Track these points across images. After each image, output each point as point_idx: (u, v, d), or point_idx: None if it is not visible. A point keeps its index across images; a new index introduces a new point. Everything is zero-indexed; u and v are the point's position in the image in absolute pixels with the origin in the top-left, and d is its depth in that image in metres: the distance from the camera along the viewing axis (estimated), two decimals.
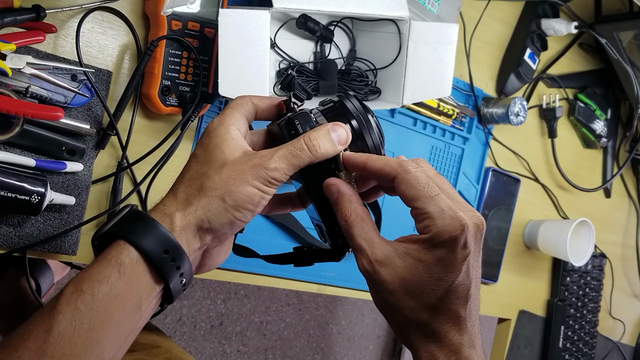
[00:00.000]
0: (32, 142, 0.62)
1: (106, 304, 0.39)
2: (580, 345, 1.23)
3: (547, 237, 1.11)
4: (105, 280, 0.40)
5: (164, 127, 0.73)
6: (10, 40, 0.59)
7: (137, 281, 0.41)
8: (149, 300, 0.42)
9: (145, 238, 0.41)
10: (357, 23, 0.85)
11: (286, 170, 0.44)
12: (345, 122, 0.48)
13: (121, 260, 0.40)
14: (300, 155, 0.45)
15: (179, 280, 0.43)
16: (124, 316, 0.40)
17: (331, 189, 0.46)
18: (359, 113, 0.49)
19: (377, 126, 0.50)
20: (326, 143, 0.45)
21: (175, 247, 0.42)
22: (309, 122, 0.47)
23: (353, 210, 0.45)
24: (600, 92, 1.22)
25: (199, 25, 0.70)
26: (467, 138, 1.02)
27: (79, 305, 0.39)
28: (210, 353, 1.74)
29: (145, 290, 0.41)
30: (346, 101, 0.49)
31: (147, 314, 0.43)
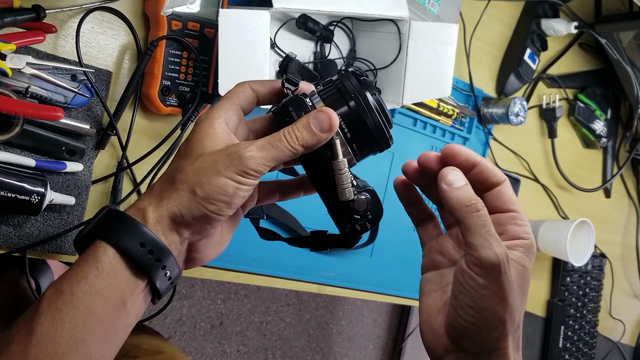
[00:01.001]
0: (32, 142, 0.62)
1: (87, 301, 0.39)
2: (580, 345, 1.23)
3: (547, 237, 1.11)
4: (84, 279, 0.39)
5: (164, 127, 0.73)
6: (10, 40, 0.59)
7: (116, 277, 0.40)
8: (134, 296, 0.41)
9: (119, 234, 0.41)
10: (357, 23, 0.85)
11: (263, 160, 0.42)
12: (343, 103, 0.45)
13: (98, 258, 0.40)
14: (279, 147, 0.42)
15: (162, 272, 0.42)
16: (107, 313, 0.40)
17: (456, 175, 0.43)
18: (357, 92, 0.45)
19: (377, 105, 0.46)
20: (306, 134, 0.43)
21: (151, 240, 0.41)
22: (304, 108, 0.44)
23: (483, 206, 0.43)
24: (600, 92, 1.22)
25: (198, 26, 0.70)
26: (467, 138, 1.02)
27: (59, 305, 0.39)
28: (210, 353, 1.74)
29: (127, 285, 0.41)
30: (344, 80, 0.46)
31: (135, 311, 0.42)
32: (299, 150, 0.43)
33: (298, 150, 0.43)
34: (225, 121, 0.45)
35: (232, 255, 0.79)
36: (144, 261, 0.41)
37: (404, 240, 0.96)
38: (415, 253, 0.98)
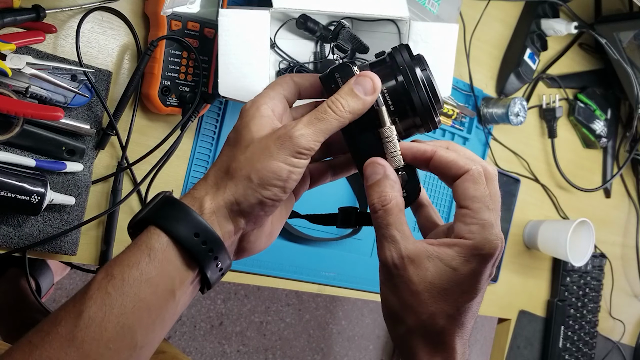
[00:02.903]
0: (32, 142, 0.62)
1: (137, 288, 0.39)
2: (580, 345, 1.23)
3: (547, 237, 1.11)
4: (135, 265, 0.39)
5: (163, 127, 0.73)
6: (10, 40, 0.59)
7: (168, 266, 0.40)
8: (184, 285, 0.41)
9: (174, 222, 0.40)
10: (357, 23, 0.85)
11: (314, 136, 0.41)
12: (390, 75, 0.44)
13: (151, 245, 0.40)
14: (326, 119, 0.42)
15: (214, 264, 0.42)
16: (156, 301, 0.39)
17: (376, 169, 0.44)
18: (406, 66, 0.44)
19: (426, 82, 0.44)
20: (351, 100, 0.42)
21: (205, 230, 0.41)
22: (350, 74, 0.43)
23: (394, 197, 0.43)
24: (600, 92, 1.22)
25: (198, 26, 0.70)
26: (467, 138, 1.02)
27: (109, 290, 0.38)
28: (210, 353, 1.74)
29: (178, 274, 0.41)
30: (395, 53, 0.44)
31: (184, 300, 0.42)
32: (346, 118, 0.43)
33: (345, 118, 0.43)
34: (271, 108, 0.44)
35: None
36: (197, 251, 0.41)
37: None
38: None
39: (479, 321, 2.32)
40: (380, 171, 0.44)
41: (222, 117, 0.78)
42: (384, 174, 0.44)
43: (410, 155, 0.45)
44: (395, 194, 0.44)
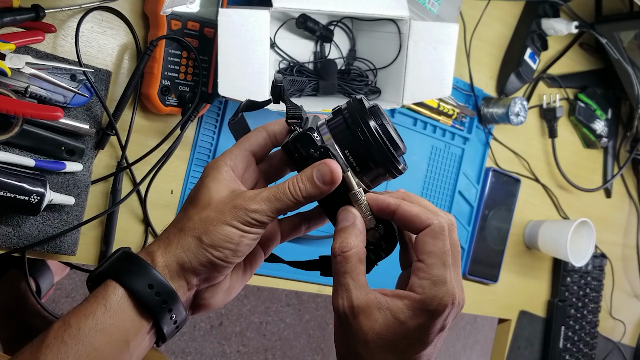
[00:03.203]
0: (31, 142, 0.62)
1: (92, 337, 0.40)
2: (581, 345, 1.23)
3: (547, 237, 1.10)
4: (91, 315, 0.41)
5: (163, 127, 0.73)
6: (9, 40, 0.58)
7: (122, 316, 0.41)
8: (138, 336, 0.42)
9: (129, 275, 0.42)
10: (357, 23, 0.85)
11: (268, 212, 0.44)
12: (349, 136, 0.45)
13: (107, 297, 0.42)
14: (284, 200, 0.44)
15: (168, 315, 0.43)
16: (110, 350, 0.41)
17: (347, 216, 0.45)
18: (361, 123, 0.45)
19: (383, 135, 0.45)
20: (310, 187, 0.44)
21: (160, 282, 0.42)
22: (311, 144, 0.45)
23: (356, 245, 0.44)
24: (601, 92, 1.22)
25: (198, 25, 0.70)
26: (467, 138, 1.02)
27: (65, 339, 0.40)
28: (210, 353, 1.74)
29: (132, 325, 0.42)
30: (350, 109, 0.46)
31: (138, 352, 0.43)
32: (302, 202, 0.44)
33: (302, 201, 0.44)
34: (231, 167, 0.46)
35: None
36: (150, 302, 0.42)
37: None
38: None
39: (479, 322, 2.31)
40: (350, 219, 0.45)
41: (221, 117, 0.78)
42: (352, 223, 0.45)
43: (376, 208, 0.46)
44: (358, 243, 0.44)
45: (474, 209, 1.04)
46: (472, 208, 1.04)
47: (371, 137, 0.45)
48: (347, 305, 0.43)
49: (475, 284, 1.07)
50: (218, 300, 0.48)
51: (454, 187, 1.01)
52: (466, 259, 1.04)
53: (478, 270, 1.06)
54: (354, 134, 0.45)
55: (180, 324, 0.45)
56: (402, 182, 0.95)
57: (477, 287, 1.08)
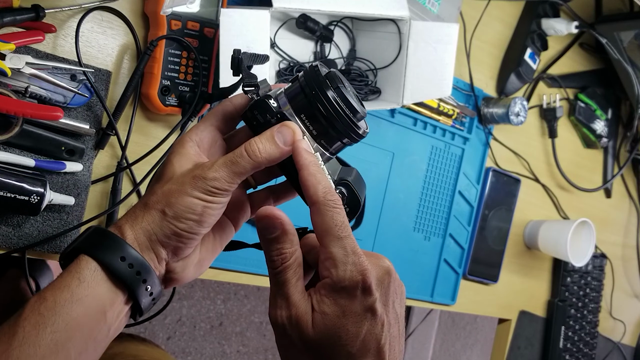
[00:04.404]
0: (31, 142, 0.62)
1: (68, 308, 0.41)
2: (581, 345, 1.23)
3: (547, 237, 1.10)
4: (66, 288, 0.41)
5: (163, 127, 0.73)
6: (9, 40, 0.58)
7: (97, 288, 0.42)
8: (115, 307, 0.43)
9: (101, 248, 0.43)
10: (357, 23, 0.85)
11: (227, 178, 0.43)
12: (304, 100, 0.45)
13: (80, 270, 0.42)
14: (240, 162, 0.43)
15: (143, 287, 0.43)
16: (87, 320, 0.41)
17: (273, 223, 0.42)
18: (317, 88, 0.44)
19: (338, 99, 0.44)
20: (269, 146, 0.43)
21: (131, 254, 0.43)
22: (268, 110, 0.44)
23: (294, 252, 0.42)
24: (601, 92, 1.22)
25: (198, 25, 0.70)
26: (468, 138, 1.02)
27: (42, 311, 0.40)
28: (210, 353, 1.74)
29: (108, 296, 0.42)
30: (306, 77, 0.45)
31: (116, 324, 0.43)
32: (262, 162, 0.43)
33: (261, 162, 0.43)
34: (196, 143, 0.46)
35: (232, 255, 0.79)
36: (124, 274, 0.42)
37: (404, 240, 0.96)
38: (415, 253, 0.98)
39: (479, 322, 2.31)
40: (277, 226, 0.42)
41: None
42: (282, 230, 0.42)
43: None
44: (295, 248, 0.42)
45: (474, 209, 1.04)
46: (472, 208, 1.04)
47: (326, 101, 0.44)
48: (285, 316, 0.41)
49: (475, 284, 1.07)
50: (189, 273, 0.48)
51: (454, 187, 1.01)
52: (466, 259, 1.04)
53: (478, 270, 1.06)
54: (309, 98, 0.44)
55: (157, 296, 0.45)
56: (402, 181, 0.95)
57: (477, 287, 1.08)
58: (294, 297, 0.41)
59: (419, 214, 0.98)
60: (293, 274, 0.41)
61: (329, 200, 0.41)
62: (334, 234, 0.40)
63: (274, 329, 0.42)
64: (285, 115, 0.45)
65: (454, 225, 1.02)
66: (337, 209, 0.41)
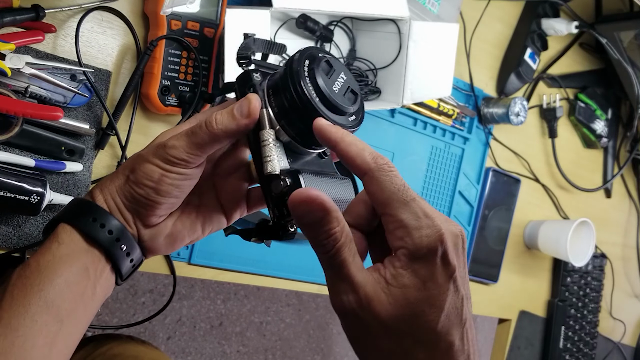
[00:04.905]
0: (31, 142, 0.62)
1: (51, 268, 0.42)
2: (581, 345, 1.23)
3: (547, 237, 1.10)
4: (47, 251, 0.43)
5: (163, 127, 0.73)
6: (9, 40, 0.58)
7: (75, 247, 0.43)
8: (95, 265, 0.44)
9: (76, 213, 0.45)
10: (357, 23, 0.85)
11: (186, 148, 0.43)
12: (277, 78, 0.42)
13: (58, 234, 0.44)
14: (199, 133, 0.42)
15: (117, 245, 0.44)
16: (72, 277, 0.42)
17: (313, 206, 0.36)
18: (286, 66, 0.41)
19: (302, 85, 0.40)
20: (226, 118, 0.42)
21: (102, 214, 0.44)
22: (247, 82, 0.43)
23: (343, 228, 0.36)
24: (601, 92, 1.22)
25: (198, 25, 0.70)
26: (468, 138, 1.02)
27: (27, 274, 0.42)
28: (210, 353, 1.74)
29: (87, 256, 0.44)
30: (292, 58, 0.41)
31: (101, 283, 0.45)
32: (219, 134, 0.42)
33: (218, 134, 0.42)
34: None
35: (232, 255, 0.79)
36: (95, 232, 0.44)
37: None
38: None
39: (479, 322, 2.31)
40: (318, 207, 0.36)
41: None
42: (324, 210, 0.36)
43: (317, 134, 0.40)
44: (343, 224, 0.36)
45: (474, 209, 1.04)
46: (472, 208, 1.04)
47: (289, 79, 0.41)
48: (354, 300, 0.36)
49: (475, 284, 1.07)
50: (159, 244, 0.48)
51: (454, 187, 1.01)
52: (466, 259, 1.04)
53: (478, 270, 1.06)
54: (279, 75, 0.42)
55: (135, 258, 0.46)
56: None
57: (477, 287, 1.08)
58: (358, 277, 0.36)
59: None
60: (349, 252, 0.36)
61: (381, 164, 0.37)
62: (399, 198, 0.36)
63: (342, 319, 0.37)
64: (254, 86, 0.43)
65: None
66: (393, 172, 0.37)
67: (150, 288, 1.62)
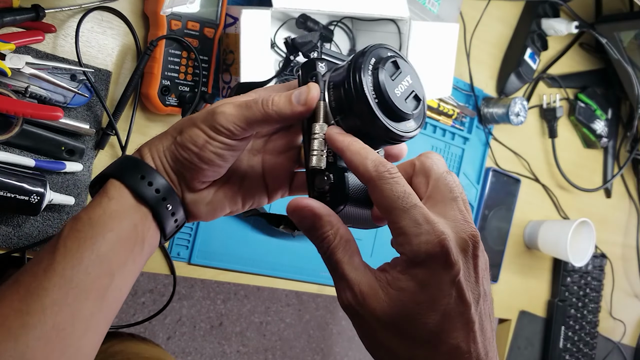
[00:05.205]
0: (31, 142, 0.62)
1: (103, 221, 0.42)
2: (581, 345, 1.23)
3: (547, 237, 1.10)
4: (97, 205, 0.43)
5: (163, 127, 0.73)
6: (9, 40, 0.58)
7: (125, 203, 0.44)
8: (143, 222, 0.44)
9: (123, 170, 0.45)
10: (357, 23, 0.85)
11: (234, 119, 0.42)
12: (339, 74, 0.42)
13: (107, 190, 0.44)
14: (252, 108, 0.42)
15: (163, 205, 0.45)
16: (123, 232, 0.43)
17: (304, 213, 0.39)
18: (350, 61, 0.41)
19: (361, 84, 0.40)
20: (282, 101, 0.42)
21: (149, 172, 0.44)
22: (311, 70, 0.43)
23: (336, 231, 0.39)
24: (601, 92, 1.22)
25: (198, 25, 0.70)
26: (468, 138, 1.02)
27: (79, 227, 0.42)
28: (210, 353, 1.74)
29: (135, 211, 0.44)
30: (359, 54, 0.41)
31: (148, 240, 0.45)
32: (271, 115, 0.42)
33: (271, 115, 0.42)
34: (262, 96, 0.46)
35: (232, 255, 0.79)
36: (142, 190, 0.44)
37: None
38: None
39: None
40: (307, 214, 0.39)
41: None
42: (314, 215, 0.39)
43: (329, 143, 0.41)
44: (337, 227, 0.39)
45: (474, 209, 1.04)
46: (472, 208, 1.04)
47: (350, 77, 0.40)
48: (351, 297, 0.37)
49: None
50: (201, 210, 0.48)
51: None
52: None
53: None
54: (342, 70, 0.42)
55: (179, 220, 0.46)
56: None
57: None
58: (352, 275, 0.38)
59: None
60: (343, 253, 0.38)
61: (382, 172, 0.37)
62: (399, 206, 0.36)
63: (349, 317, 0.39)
64: (317, 75, 0.42)
65: None
66: (394, 179, 0.37)
67: (150, 288, 1.62)
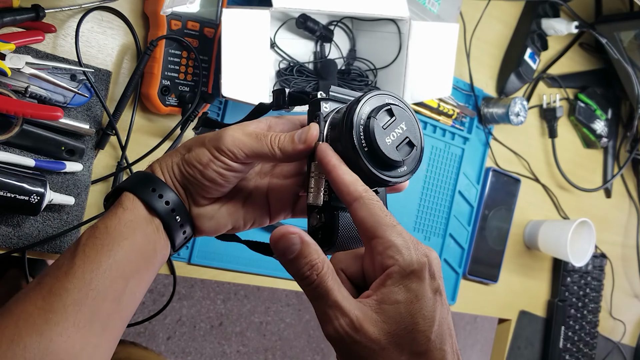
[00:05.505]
0: (31, 142, 0.62)
1: (119, 230, 0.45)
2: (581, 345, 1.23)
3: (547, 237, 1.10)
4: (113, 216, 0.46)
5: (163, 127, 0.73)
6: (9, 40, 0.58)
7: (138, 214, 0.46)
8: (155, 234, 0.47)
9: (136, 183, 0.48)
10: (357, 23, 0.85)
11: (241, 144, 0.45)
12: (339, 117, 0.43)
13: (122, 201, 0.47)
14: (260, 140, 0.45)
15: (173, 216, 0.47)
16: (137, 240, 0.45)
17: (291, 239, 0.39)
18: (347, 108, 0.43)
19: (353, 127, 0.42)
20: (286, 140, 0.45)
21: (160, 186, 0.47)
22: (316, 109, 0.45)
23: (324, 259, 0.39)
24: (601, 92, 1.22)
25: (198, 25, 0.70)
26: (467, 138, 1.02)
27: (97, 235, 0.45)
28: (210, 353, 1.74)
29: (147, 222, 0.46)
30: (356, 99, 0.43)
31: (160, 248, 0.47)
32: (275, 152, 0.45)
33: (275, 152, 0.45)
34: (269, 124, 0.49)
35: (232, 255, 0.79)
36: (154, 202, 0.47)
37: None
38: None
39: (479, 322, 2.31)
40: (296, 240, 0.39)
41: (221, 117, 0.78)
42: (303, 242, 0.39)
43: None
44: (323, 256, 0.39)
45: (474, 209, 1.04)
46: (472, 208, 1.04)
47: (345, 123, 0.42)
48: (346, 323, 0.37)
49: (475, 284, 1.07)
50: (205, 225, 0.50)
51: (454, 187, 1.01)
52: (466, 259, 1.04)
53: (478, 270, 1.06)
54: (340, 115, 0.44)
55: (187, 233, 0.49)
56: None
57: (477, 287, 1.08)
58: (346, 302, 0.38)
59: (419, 214, 0.98)
60: (334, 281, 0.39)
61: (369, 194, 0.40)
62: (387, 223, 0.39)
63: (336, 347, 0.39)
64: (319, 116, 0.45)
65: (454, 225, 1.02)
66: (379, 202, 0.40)
67: (150, 288, 1.62)
